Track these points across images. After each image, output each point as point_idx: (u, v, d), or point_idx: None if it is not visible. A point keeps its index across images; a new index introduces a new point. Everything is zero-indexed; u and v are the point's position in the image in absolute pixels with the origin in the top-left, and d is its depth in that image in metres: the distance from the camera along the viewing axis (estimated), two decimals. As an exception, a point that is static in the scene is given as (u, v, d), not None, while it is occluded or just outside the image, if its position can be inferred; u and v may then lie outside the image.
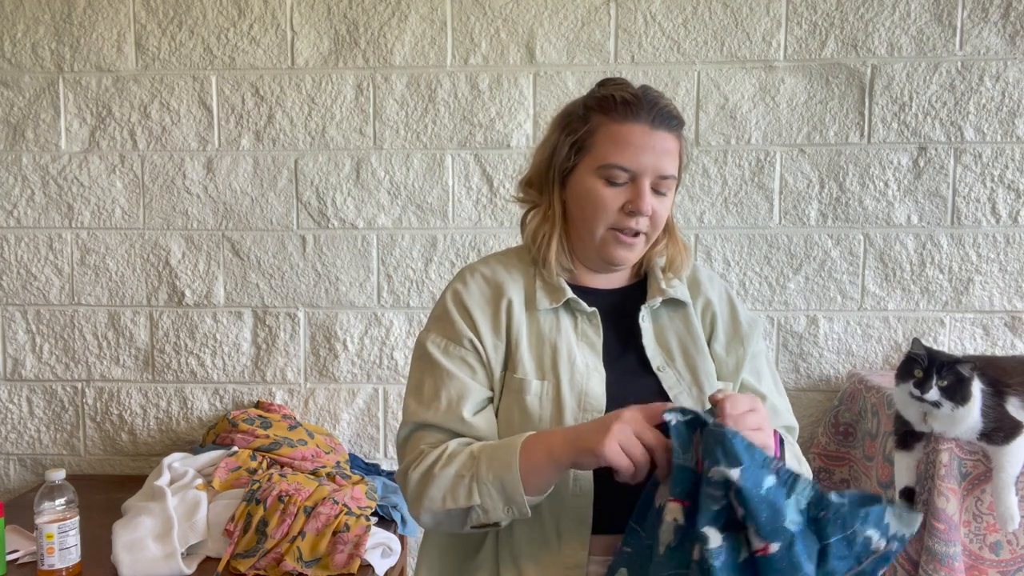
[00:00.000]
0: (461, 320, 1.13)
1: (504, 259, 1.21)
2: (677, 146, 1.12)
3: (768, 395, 1.18)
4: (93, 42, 2.08)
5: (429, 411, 1.10)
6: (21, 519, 1.72)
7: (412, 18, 2.04)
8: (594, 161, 1.10)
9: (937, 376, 1.48)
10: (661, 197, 1.11)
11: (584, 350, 1.13)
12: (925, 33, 1.97)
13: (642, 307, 1.16)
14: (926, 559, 1.51)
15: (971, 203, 2.00)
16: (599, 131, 1.11)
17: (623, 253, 1.13)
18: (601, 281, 1.20)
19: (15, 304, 2.16)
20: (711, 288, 1.22)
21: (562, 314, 1.15)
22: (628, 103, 1.10)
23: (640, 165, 1.08)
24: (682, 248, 1.20)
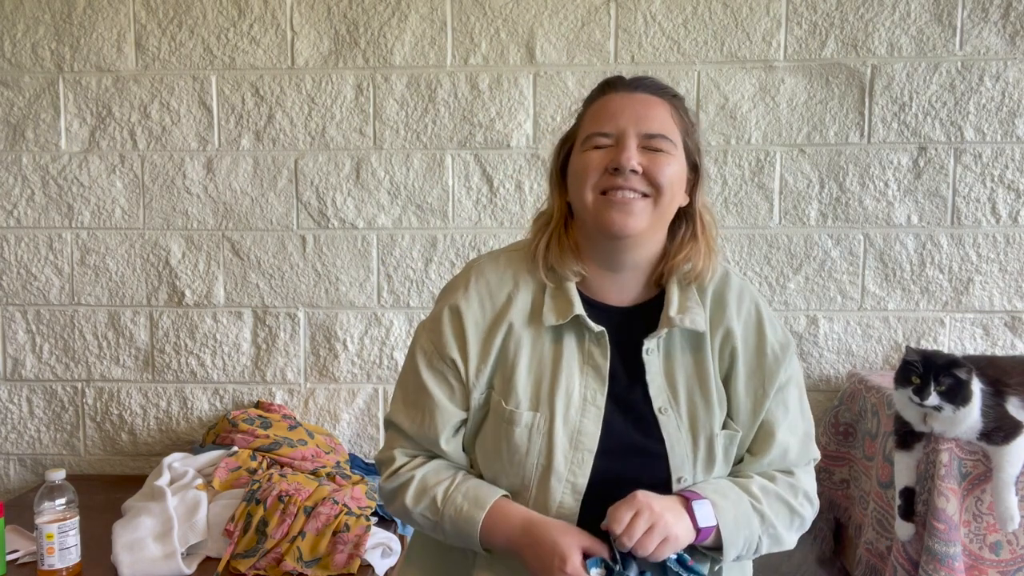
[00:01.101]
0: (452, 336, 1.07)
1: (515, 261, 1.12)
2: (667, 109, 1.05)
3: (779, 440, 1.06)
4: (93, 42, 2.08)
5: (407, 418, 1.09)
6: (21, 519, 1.72)
7: (412, 18, 2.04)
8: (579, 141, 1.07)
9: (935, 382, 1.48)
10: (655, 155, 1.02)
11: (588, 377, 1.04)
12: (925, 33, 1.97)
13: (646, 340, 1.04)
14: (926, 559, 1.51)
15: (971, 203, 2.00)
16: (584, 118, 1.08)
17: (620, 217, 1.01)
18: (614, 292, 1.09)
19: (15, 304, 2.16)
20: (737, 311, 1.09)
21: (567, 333, 1.06)
22: (608, 83, 1.08)
23: (618, 124, 1.02)
24: (705, 251, 1.08)
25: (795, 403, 1.10)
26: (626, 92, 1.05)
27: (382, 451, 1.14)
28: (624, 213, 1.01)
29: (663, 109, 1.05)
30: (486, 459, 1.07)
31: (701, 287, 1.08)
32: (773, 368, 1.07)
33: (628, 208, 1.00)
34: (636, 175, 1.00)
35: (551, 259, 1.07)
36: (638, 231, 1.02)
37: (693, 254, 1.07)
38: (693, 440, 1.04)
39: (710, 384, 1.05)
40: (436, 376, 1.08)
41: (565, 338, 1.06)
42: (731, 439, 1.05)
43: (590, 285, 1.09)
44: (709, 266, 1.08)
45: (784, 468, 1.09)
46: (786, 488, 1.07)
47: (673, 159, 1.04)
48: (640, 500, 0.95)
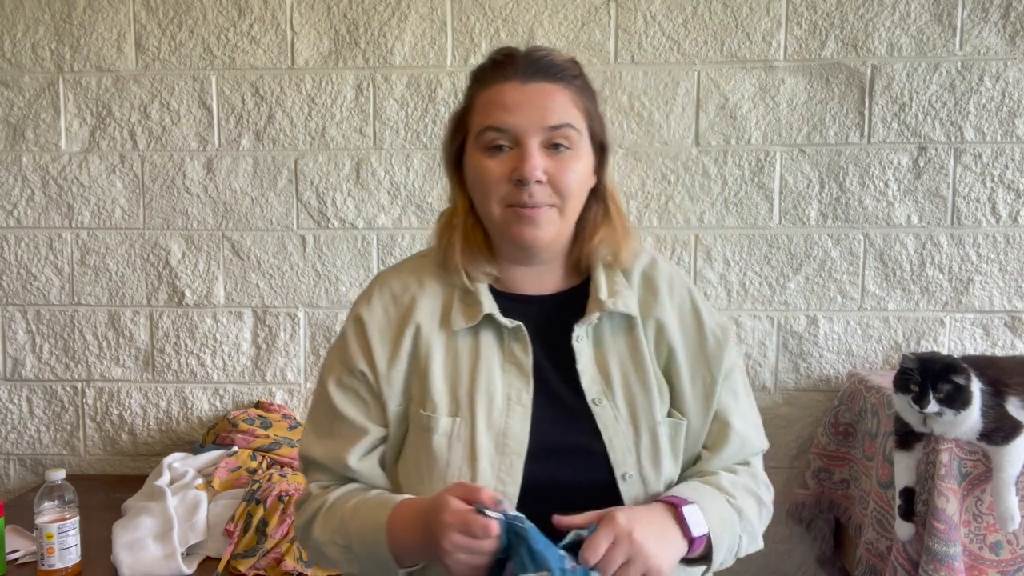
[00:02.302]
0: (357, 347, 1.00)
1: (419, 267, 1.05)
2: (567, 96, 0.96)
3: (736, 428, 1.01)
4: (93, 42, 2.08)
5: (320, 448, 1.01)
6: (21, 519, 1.72)
7: (412, 18, 2.04)
8: (472, 134, 0.97)
9: (933, 389, 1.47)
10: (561, 155, 0.95)
11: (511, 375, 0.97)
12: (925, 33, 1.97)
13: (576, 326, 0.98)
14: (926, 559, 1.51)
15: (971, 203, 2.00)
16: (475, 103, 0.98)
17: (529, 231, 0.95)
18: (532, 283, 1.02)
19: (15, 304, 2.15)
20: (669, 300, 1.02)
21: (483, 333, 0.99)
22: (498, 63, 0.97)
23: (515, 122, 0.93)
24: (622, 233, 1.02)
25: (743, 390, 1.05)
26: (521, 82, 0.95)
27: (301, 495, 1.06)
28: (533, 227, 0.95)
29: (563, 96, 0.96)
30: (407, 478, 0.98)
31: (626, 271, 1.03)
32: (717, 353, 1.01)
33: (536, 221, 0.95)
34: (541, 185, 0.93)
35: (461, 261, 1.00)
36: (549, 241, 0.97)
37: (608, 237, 1.01)
38: (635, 431, 0.95)
39: (647, 369, 0.98)
40: (347, 394, 1.00)
41: (482, 338, 0.99)
42: (676, 428, 0.98)
43: (505, 280, 1.03)
44: (627, 247, 1.02)
45: (743, 460, 1.04)
46: (750, 479, 1.03)
47: (578, 155, 0.97)
48: (620, 526, 0.84)
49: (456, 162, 1.02)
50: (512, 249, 1.00)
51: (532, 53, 0.97)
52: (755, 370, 2.06)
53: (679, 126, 2.02)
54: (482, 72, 0.99)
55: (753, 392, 2.08)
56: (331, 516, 0.97)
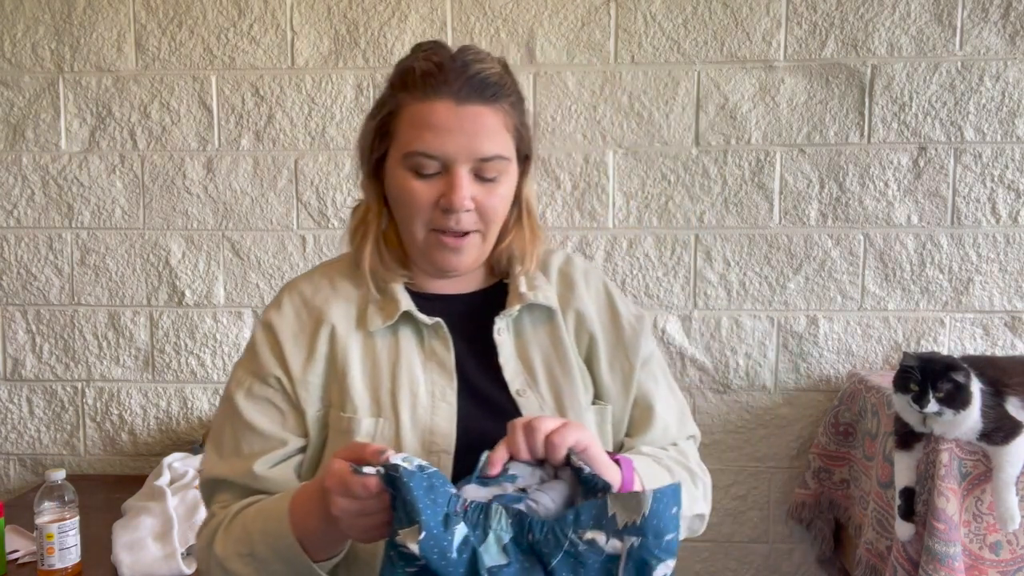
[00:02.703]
0: (269, 353, 0.95)
1: (331, 271, 1.03)
2: (499, 120, 0.93)
3: (659, 413, 1.01)
4: (93, 42, 2.08)
5: (227, 467, 0.94)
6: (21, 519, 1.72)
7: (412, 18, 2.04)
8: (399, 149, 0.93)
9: (933, 388, 1.48)
10: (489, 185, 0.93)
11: (433, 373, 0.95)
12: (925, 33, 1.97)
13: (496, 318, 0.97)
14: (926, 559, 1.51)
15: (971, 203, 2.00)
16: (401, 112, 0.93)
17: (451, 258, 0.94)
18: (449, 285, 1.01)
19: (15, 304, 2.15)
20: (586, 292, 1.03)
21: (402, 331, 0.96)
22: (429, 75, 0.91)
23: (447, 150, 0.90)
24: (531, 237, 1.01)
25: (663, 378, 1.06)
26: (456, 103, 0.90)
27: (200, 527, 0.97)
28: (456, 254, 0.94)
29: (496, 121, 0.93)
30: None
31: (543, 268, 1.03)
32: (633, 340, 1.02)
33: (460, 249, 0.94)
34: (468, 212, 0.92)
35: (375, 263, 0.98)
36: (469, 265, 0.97)
37: (518, 239, 1.01)
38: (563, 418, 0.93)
39: (569, 358, 0.98)
40: (260, 405, 0.95)
41: (401, 336, 0.96)
42: (602, 414, 0.98)
43: (420, 283, 1.01)
44: (534, 251, 1.01)
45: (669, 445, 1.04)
46: (678, 455, 1.02)
47: (506, 180, 0.95)
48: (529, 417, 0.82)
49: (374, 166, 0.98)
50: (429, 268, 0.99)
51: (467, 68, 0.92)
52: (755, 370, 2.06)
53: (679, 126, 2.02)
54: (410, 78, 0.93)
55: (753, 392, 2.10)
56: (232, 528, 0.90)
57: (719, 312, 2.05)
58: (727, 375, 2.06)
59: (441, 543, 0.71)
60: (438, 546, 0.71)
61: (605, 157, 2.04)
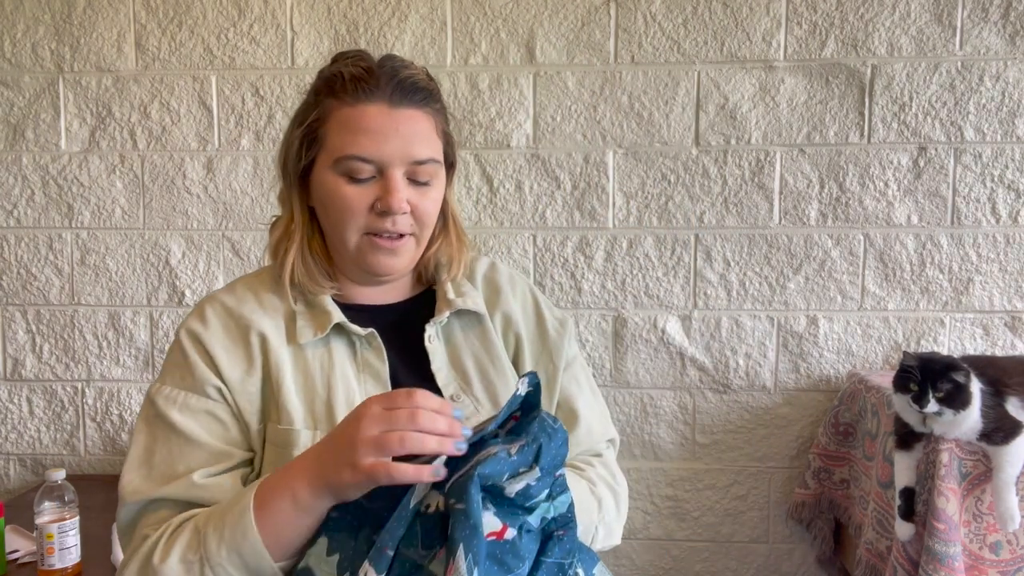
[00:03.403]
0: (202, 363, 0.90)
1: (253, 284, 0.99)
2: (431, 123, 0.94)
3: (583, 415, 1.02)
4: (93, 42, 2.08)
5: (159, 486, 0.86)
6: (21, 519, 1.72)
7: (412, 18, 2.04)
8: (329, 155, 0.92)
9: (933, 388, 1.47)
10: (423, 188, 0.94)
11: (367, 384, 0.93)
12: (925, 33, 1.97)
13: (427, 326, 0.97)
14: (926, 559, 1.51)
15: (971, 203, 2.00)
16: (330, 118, 0.93)
17: (387, 260, 0.94)
18: (378, 295, 1.00)
19: (15, 304, 2.15)
20: (512, 296, 1.05)
21: (334, 343, 0.94)
22: (359, 80, 0.92)
23: (383, 153, 0.90)
24: (457, 244, 1.02)
25: (585, 380, 1.07)
26: (387, 106, 0.91)
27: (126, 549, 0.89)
28: (391, 256, 0.94)
29: (426, 123, 0.94)
30: None
31: (469, 275, 1.05)
32: (558, 343, 1.04)
33: (395, 251, 0.94)
34: (404, 215, 0.92)
35: (300, 275, 0.96)
36: (404, 268, 0.98)
37: (445, 246, 1.02)
38: None
39: (502, 359, 0.99)
40: (199, 417, 0.89)
41: (333, 349, 0.94)
42: None
43: (347, 294, 0.99)
44: (461, 258, 1.02)
45: (592, 450, 1.04)
46: (605, 470, 1.03)
47: (437, 183, 0.96)
48: None
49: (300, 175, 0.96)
50: (360, 273, 0.98)
51: (397, 72, 0.92)
52: (755, 370, 2.06)
53: (679, 126, 2.02)
54: (338, 84, 0.93)
55: (753, 392, 2.10)
56: (177, 534, 0.82)
57: (719, 312, 2.05)
58: (727, 375, 2.06)
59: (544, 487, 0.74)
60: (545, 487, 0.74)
61: (605, 157, 2.04)
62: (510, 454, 0.72)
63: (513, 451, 0.72)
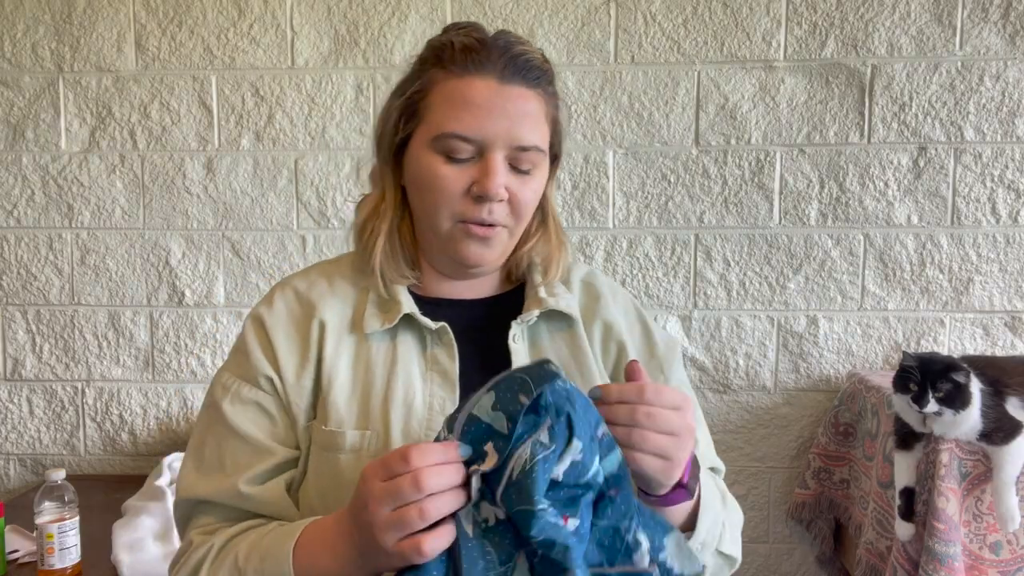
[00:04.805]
0: (260, 352, 0.86)
1: (330, 269, 0.93)
2: (541, 106, 0.86)
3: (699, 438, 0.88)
4: (93, 42, 2.08)
5: (207, 483, 0.84)
6: (21, 519, 1.72)
7: (412, 18, 2.04)
8: (428, 130, 0.84)
9: (933, 388, 1.47)
10: (523, 176, 0.85)
11: (433, 383, 0.86)
12: (925, 33, 1.97)
13: (513, 324, 0.88)
14: (926, 559, 1.51)
15: (971, 203, 2.00)
16: (434, 89, 0.84)
17: (478, 250, 0.86)
18: (461, 289, 0.92)
19: (15, 304, 2.15)
20: (614, 305, 0.95)
21: (402, 337, 0.87)
22: (470, 50, 0.84)
23: (486, 132, 0.81)
24: (557, 245, 0.94)
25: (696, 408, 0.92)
26: (495, 82, 0.83)
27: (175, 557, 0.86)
28: (483, 246, 0.86)
29: (536, 105, 0.85)
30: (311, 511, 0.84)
31: (565, 279, 0.95)
32: (668, 359, 0.95)
33: (488, 241, 0.85)
34: (501, 203, 0.84)
35: (382, 260, 0.88)
36: (495, 260, 0.89)
37: (542, 244, 0.94)
38: None
39: (592, 369, 0.89)
40: (247, 409, 0.85)
41: (400, 343, 0.87)
42: None
43: (427, 286, 0.92)
44: (561, 257, 0.94)
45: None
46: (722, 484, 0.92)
47: (539, 174, 0.88)
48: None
49: (395, 150, 0.89)
50: (447, 262, 0.90)
51: (511, 47, 0.85)
52: (755, 370, 2.06)
53: (679, 126, 2.02)
54: (446, 54, 0.85)
55: (753, 392, 2.10)
56: (220, 564, 0.78)
57: (719, 312, 2.05)
58: (727, 375, 2.06)
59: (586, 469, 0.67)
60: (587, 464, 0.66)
61: (605, 157, 2.04)
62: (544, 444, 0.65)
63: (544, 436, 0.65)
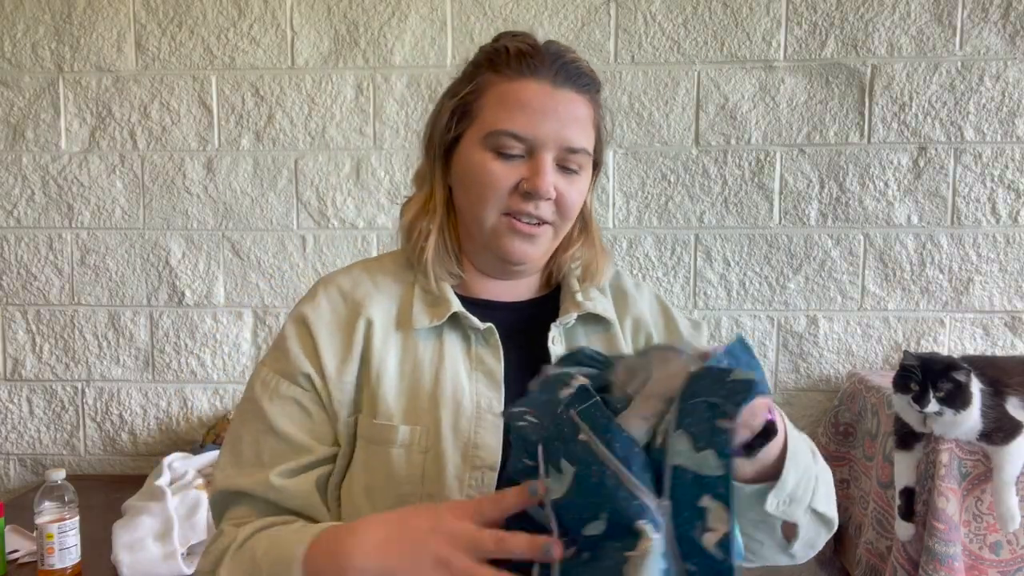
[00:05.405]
0: (300, 349, 0.88)
1: (374, 266, 0.95)
2: (589, 112, 0.90)
3: None
4: (93, 42, 2.08)
5: (243, 476, 0.84)
6: (21, 519, 1.72)
7: (412, 18, 2.04)
8: (480, 129, 0.87)
9: (933, 388, 1.47)
10: (571, 176, 0.89)
11: (479, 382, 0.87)
12: (925, 33, 1.97)
13: (552, 326, 0.91)
14: (926, 559, 1.51)
15: (971, 203, 2.00)
16: (487, 91, 0.88)
17: (522, 247, 0.88)
18: (501, 291, 0.95)
19: (15, 304, 2.15)
20: (640, 299, 0.99)
21: (448, 335, 0.89)
22: (524, 55, 0.87)
23: (538, 132, 0.85)
24: (600, 252, 0.98)
25: None
26: (549, 85, 0.86)
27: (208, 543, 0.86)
28: (528, 243, 0.88)
29: (585, 110, 0.90)
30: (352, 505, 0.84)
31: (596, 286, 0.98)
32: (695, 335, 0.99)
33: (533, 239, 0.88)
34: (548, 201, 0.87)
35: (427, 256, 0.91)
36: (537, 259, 0.91)
37: (585, 251, 0.97)
38: None
39: None
40: (285, 406, 0.86)
41: (446, 340, 0.89)
42: None
43: (470, 286, 0.94)
44: (605, 266, 0.97)
45: None
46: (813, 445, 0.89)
47: (585, 176, 0.91)
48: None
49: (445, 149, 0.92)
50: (491, 260, 0.92)
51: (563, 55, 0.89)
52: (755, 370, 2.06)
53: (679, 126, 2.02)
54: (500, 58, 0.89)
55: (753, 392, 2.09)
56: (241, 555, 0.79)
57: (719, 312, 2.05)
58: (727, 375, 2.06)
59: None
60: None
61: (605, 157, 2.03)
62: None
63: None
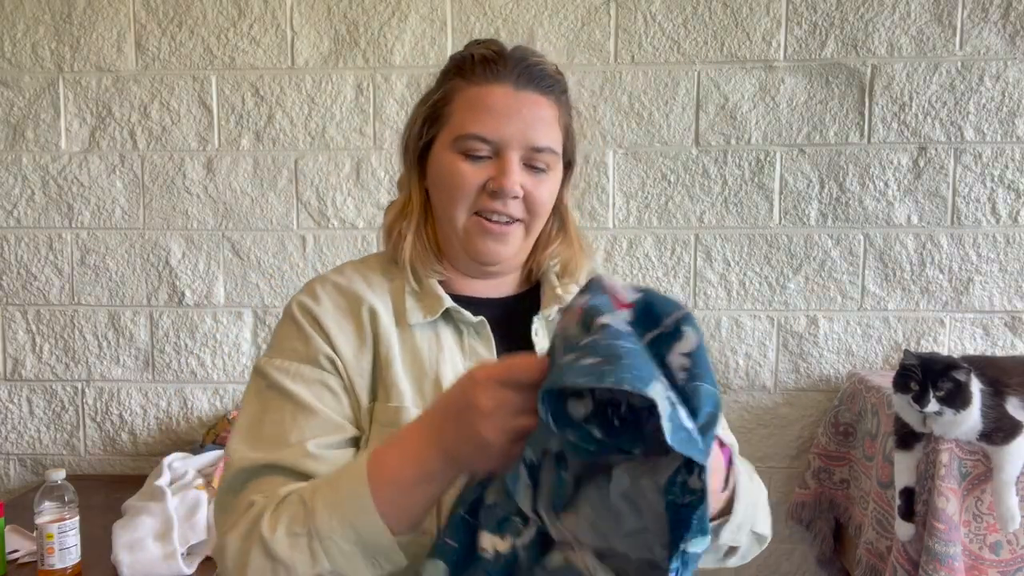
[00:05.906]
0: (315, 334, 0.89)
1: (361, 268, 0.98)
2: (554, 112, 0.93)
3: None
4: (93, 42, 2.08)
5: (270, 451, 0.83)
6: (21, 519, 1.72)
7: (412, 18, 2.04)
8: (450, 133, 0.92)
9: (934, 387, 1.47)
10: (539, 175, 0.92)
11: None
12: (925, 33, 1.97)
13: (535, 319, 0.95)
14: (926, 559, 1.51)
15: (971, 203, 2.00)
16: (456, 97, 0.93)
17: (494, 246, 0.92)
18: (483, 289, 0.98)
19: (15, 304, 2.15)
20: None
21: (442, 328, 0.93)
22: (488, 61, 0.92)
23: (503, 134, 0.89)
24: (579, 250, 1.01)
25: None
26: (514, 88, 0.91)
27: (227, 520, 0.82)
28: (498, 242, 0.92)
29: (550, 111, 0.93)
30: None
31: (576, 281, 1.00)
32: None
33: (503, 238, 0.92)
34: (516, 200, 0.91)
35: (412, 256, 0.95)
36: (509, 257, 0.95)
37: (564, 249, 1.00)
38: None
39: None
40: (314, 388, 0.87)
41: (440, 335, 0.93)
42: None
43: (453, 284, 0.98)
44: (581, 264, 1.00)
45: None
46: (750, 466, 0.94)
47: (553, 175, 0.94)
48: None
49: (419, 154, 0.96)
50: (468, 263, 0.96)
51: (526, 58, 0.93)
52: (755, 370, 2.06)
53: (679, 126, 2.02)
54: (467, 65, 0.94)
55: (753, 392, 2.10)
56: (284, 505, 0.77)
57: (719, 312, 2.05)
58: (727, 375, 2.06)
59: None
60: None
61: (605, 157, 2.04)
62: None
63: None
